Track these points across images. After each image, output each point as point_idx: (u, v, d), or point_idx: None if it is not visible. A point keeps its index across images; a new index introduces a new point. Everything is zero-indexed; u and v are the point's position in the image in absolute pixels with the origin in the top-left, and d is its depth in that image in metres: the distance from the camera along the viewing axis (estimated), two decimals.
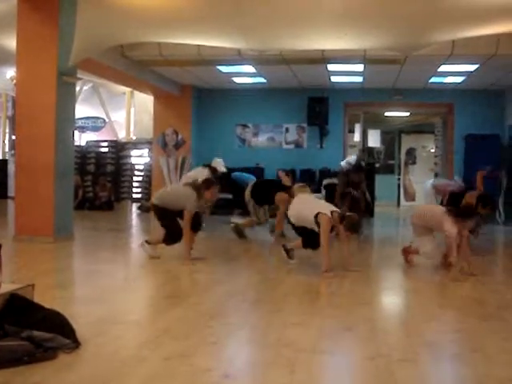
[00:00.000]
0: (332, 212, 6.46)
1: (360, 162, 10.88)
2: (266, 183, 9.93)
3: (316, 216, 6.46)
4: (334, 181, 11.27)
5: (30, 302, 3.74)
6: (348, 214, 6.71)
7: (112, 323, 4.25)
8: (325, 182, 12.34)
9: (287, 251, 7.02)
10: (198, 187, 7.23)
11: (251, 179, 11.03)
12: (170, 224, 7.23)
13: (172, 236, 7.20)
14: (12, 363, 3.16)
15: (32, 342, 3.31)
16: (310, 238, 6.72)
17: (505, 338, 4.09)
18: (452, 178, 12.49)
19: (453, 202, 8.68)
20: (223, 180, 10.97)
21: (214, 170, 10.53)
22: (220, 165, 11.08)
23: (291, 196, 8.28)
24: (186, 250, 7.03)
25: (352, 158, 11.38)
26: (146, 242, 7.30)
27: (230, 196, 13.09)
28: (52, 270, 6.80)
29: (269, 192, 9.17)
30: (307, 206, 6.81)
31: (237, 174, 12.71)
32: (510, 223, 12.57)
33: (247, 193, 9.40)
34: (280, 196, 8.93)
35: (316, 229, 6.50)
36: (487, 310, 5.03)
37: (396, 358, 3.57)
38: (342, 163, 11.36)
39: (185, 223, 7.03)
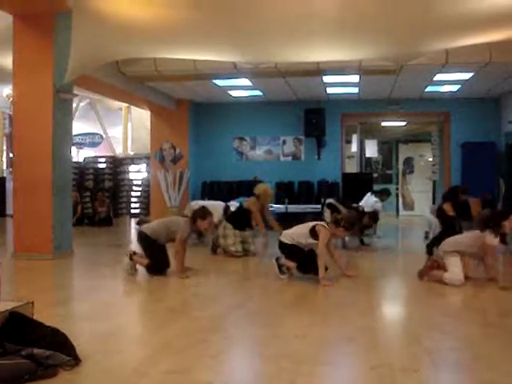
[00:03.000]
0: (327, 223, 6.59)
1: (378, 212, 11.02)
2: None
3: (313, 229, 6.52)
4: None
5: (29, 320, 3.74)
6: (341, 216, 6.75)
7: (112, 339, 4.24)
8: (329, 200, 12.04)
9: (279, 266, 6.92)
10: (194, 216, 7.25)
11: None
12: (155, 254, 7.19)
13: (156, 265, 7.15)
14: (13, 382, 3.15)
15: (32, 360, 3.30)
16: (304, 261, 6.76)
17: (506, 344, 4.09)
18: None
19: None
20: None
21: (226, 209, 10.65)
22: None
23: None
24: (178, 267, 7.06)
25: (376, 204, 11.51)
26: (133, 254, 7.24)
27: None
28: (51, 286, 6.79)
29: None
30: (303, 225, 6.88)
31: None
32: None
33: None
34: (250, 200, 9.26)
35: (312, 242, 6.58)
36: (488, 318, 5.03)
37: (398, 367, 3.56)
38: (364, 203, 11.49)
39: (176, 245, 7.06)
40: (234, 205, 10.88)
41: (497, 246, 6.39)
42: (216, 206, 10.44)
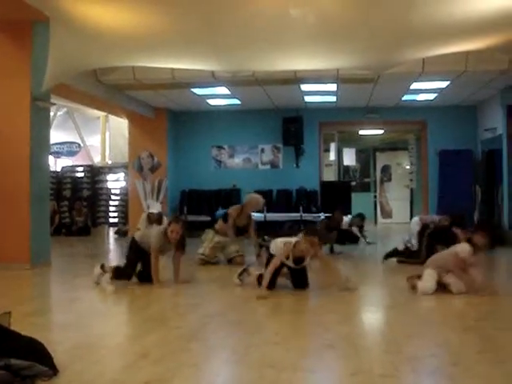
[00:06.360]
0: (285, 244, 6.53)
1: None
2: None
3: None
4: None
5: (6, 330, 3.69)
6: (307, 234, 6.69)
7: (90, 349, 4.20)
8: None
9: (243, 270, 7.14)
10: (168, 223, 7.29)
11: None
12: (130, 260, 7.17)
13: (122, 272, 7.10)
14: None
15: (9, 371, 3.26)
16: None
17: (483, 349, 4.13)
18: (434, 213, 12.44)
19: (436, 238, 8.68)
20: None
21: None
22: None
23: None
24: (154, 278, 7.02)
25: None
26: (102, 266, 7.19)
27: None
28: (29, 297, 6.71)
29: None
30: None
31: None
32: None
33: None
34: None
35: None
36: (466, 323, 5.07)
37: (377, 373, 3.57)
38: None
39: (152, 258, 7.01)
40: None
41: (470, 253, 6.37)
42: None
